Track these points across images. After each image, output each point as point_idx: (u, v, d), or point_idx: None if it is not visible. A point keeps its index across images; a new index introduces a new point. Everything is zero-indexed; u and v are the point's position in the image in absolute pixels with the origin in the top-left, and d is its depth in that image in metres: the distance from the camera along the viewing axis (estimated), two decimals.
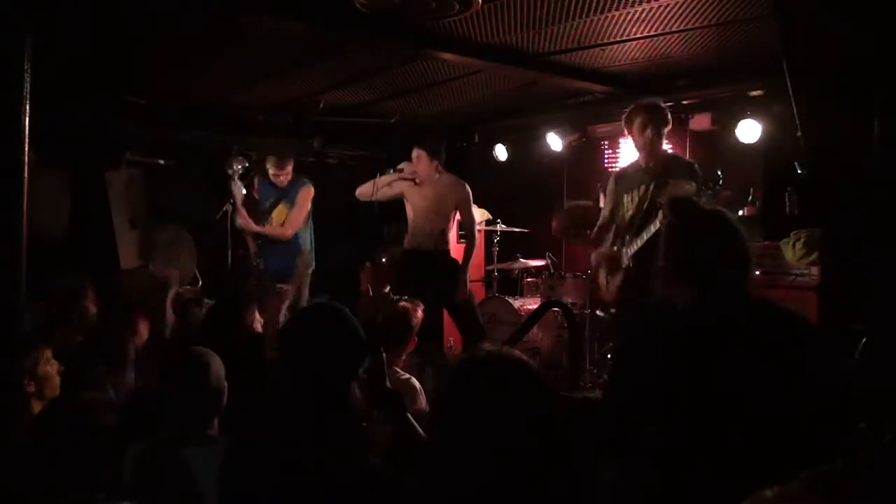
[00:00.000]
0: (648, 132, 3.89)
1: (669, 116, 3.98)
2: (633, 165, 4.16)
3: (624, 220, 4.02)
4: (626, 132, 4.10)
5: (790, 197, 4.82)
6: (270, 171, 5.60)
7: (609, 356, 5.27)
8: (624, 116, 4.06)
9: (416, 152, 4.89)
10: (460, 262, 5.00)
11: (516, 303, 5.82)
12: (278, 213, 5.65)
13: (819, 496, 0.57)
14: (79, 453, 1.76)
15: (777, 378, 1.48)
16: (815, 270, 4.37)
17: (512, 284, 6.58)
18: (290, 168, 5.64)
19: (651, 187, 3.85)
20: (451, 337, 6.13)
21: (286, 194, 5.66)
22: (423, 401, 2.94)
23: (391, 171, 4.99)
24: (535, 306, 5.35)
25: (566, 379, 4.78)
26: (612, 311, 4.79)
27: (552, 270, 6.07)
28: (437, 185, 4.95)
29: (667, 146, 4.31)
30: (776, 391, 1.46)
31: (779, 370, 1.49)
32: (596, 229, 4.28)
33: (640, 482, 1.54)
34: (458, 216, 5.12)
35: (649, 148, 3.93)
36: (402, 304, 3.38)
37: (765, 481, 0.60)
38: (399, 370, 3.04)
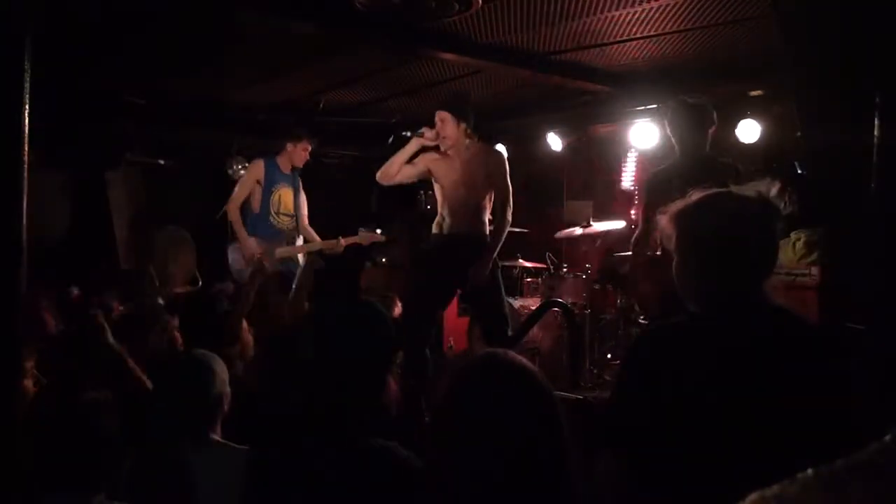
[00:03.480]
0: (697, 136, 3.53)
1: (716, 116, 3.61)
2: (672, 165, 3.73)
3: None
4: (668, 131, 3.68)
5: (790, 197, 4.82)
6: (299, 147, 5.10)
7: (609, 356, 5.28)
8: (668, 115, 3.66)
9: (439, 115, 4.10)
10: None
11: (516, 303, 5.82)
12: (287, 199, 5.23)
13: (819, 496, 0.57)
14: (78, 454, 1.76)
15: (785, 387, 1.47)
16: (815, 270, 4.37)
17: (512, 284, 6.58)
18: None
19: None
20: (452, 337, 6.13)
21: (295, 181, 5.29)
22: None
23: (408, 134, 4.28)
24: (535, 306, 5.35)
25: (566, 379, 4.78)
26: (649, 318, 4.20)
27: (552, 270, 6.07)
28: (466, 153, 4.16)
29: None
30: (782, 398, 1.46)
31: (788, 380, 1.48)
32: (637, 236, 3.85)
33: (637, 478, 1.54)
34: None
35: (695, 150, 3.56)
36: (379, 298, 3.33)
37: (765, 481, 0.60)
38: None
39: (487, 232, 4.24)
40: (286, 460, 1.64)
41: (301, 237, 5.27)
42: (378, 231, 5.17)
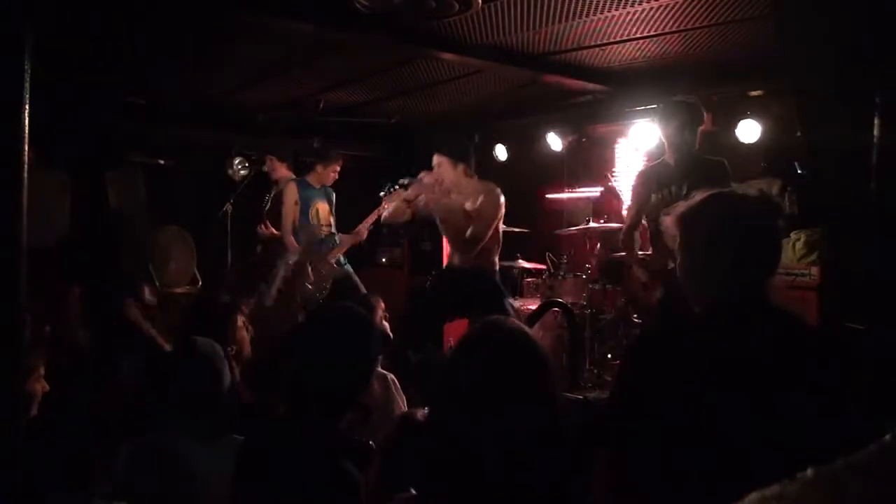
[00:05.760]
0: (687, 133, 3.68)
1: (704, 115, 3.77)
2: (661, 163, 3.91)
3: (655, 222, 3.74)
4: (660, 130, 3.83)
5: (790, 197, 4.82)
6: (329, 169, 5.42)
7: (609, 356, 5.28)
8: (659, 114, 3.82)
9: (436, 160, 4.21)
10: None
11: (516, 303, 5.81)
12: (324, 212, 5.52)
13: (819, 496, 0.57)
14: (75, 451, 1.76)
15: (785, 388, 1.47)
16: (815, 270, 4.37)
17: (512, 284, 6.57)
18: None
19: (684, 188, 3.59)
20: (451, 337, 6.13)
21: (328, 194, 5.57)
22: (398, 397, 2.94)
23: (393, 187, 4.33)
24: (535, 306, 5.35)
25: (566, 379, 4.78)
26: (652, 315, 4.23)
27: (552, 270, 6.07)
28: (465, 191, 4.23)
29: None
30: (782, 399, 1.45)
31: (788, 381, 1.47)
32: (624, 232, 4.10)
33: (636, 478, 1.54)
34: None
35: (685, 148, 3.70)
36: (365, 295, 3.42)
37: (765, 481, 0.60)
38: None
39: (492, 268, 4.27)
40: (264, 454, 1.69)
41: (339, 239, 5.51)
42: (398, 186, 4.74)
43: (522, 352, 1.30)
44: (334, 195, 5.58)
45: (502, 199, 4.22)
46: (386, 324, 3.28)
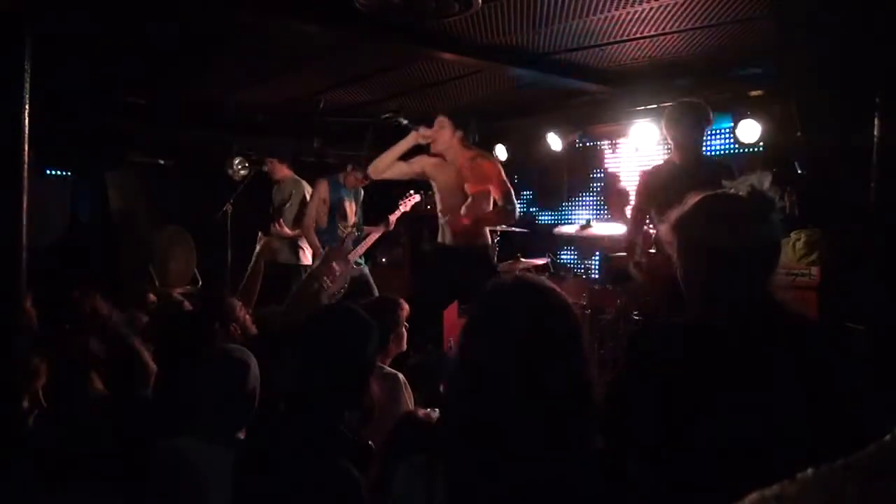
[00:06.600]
0: (696, 134, 3.64)
1: (711, 116, 3.71)
2: (667, 164, 3.84)
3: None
4: (665, 132, 3.77)
5: (790, 197, 4.81)
6: (356, 178, 5.55)
7: (609, 356, 5.27)
8: (666, 115, 3.74)
9: (438, 120, 4.33)
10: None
11: None
12: (351, 211, 5.67)
13: (818, 496, 0.57)
14: (74, 451, 1.76)
15: (786, 388, 1.46)
16: (815, 270, 4.37)
17: None
18: None
19: (690, 189, 3.58)
20: (452, 337, 6.12)
21: (357, 192, 5.70)
22: (406, 397, 2.93)
23: (402, 121, 4.57)
24: None
25: None
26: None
27: (552, 270, 6.07)
28: (462, 160, 4.33)
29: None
30: (783, 398, 1.45)
31: (789, 381, 1.47)
32: (627, 233, 4.04)
33: (634, 477, 1.54)
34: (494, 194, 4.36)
35: (692, 150, 3.64)
36: (387, 296, 3.41)
37: (765, 481, 0.60)
38: (384, 365, 3.00)
39: (486, 242, 4.37)
40: (264, 454, 1.70)
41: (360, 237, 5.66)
42: (411, 192, 5.66)
43: (553, 300, 1.35)
44: (362, 192, 5.71)
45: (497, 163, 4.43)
46: (405, 328, 3.25)
